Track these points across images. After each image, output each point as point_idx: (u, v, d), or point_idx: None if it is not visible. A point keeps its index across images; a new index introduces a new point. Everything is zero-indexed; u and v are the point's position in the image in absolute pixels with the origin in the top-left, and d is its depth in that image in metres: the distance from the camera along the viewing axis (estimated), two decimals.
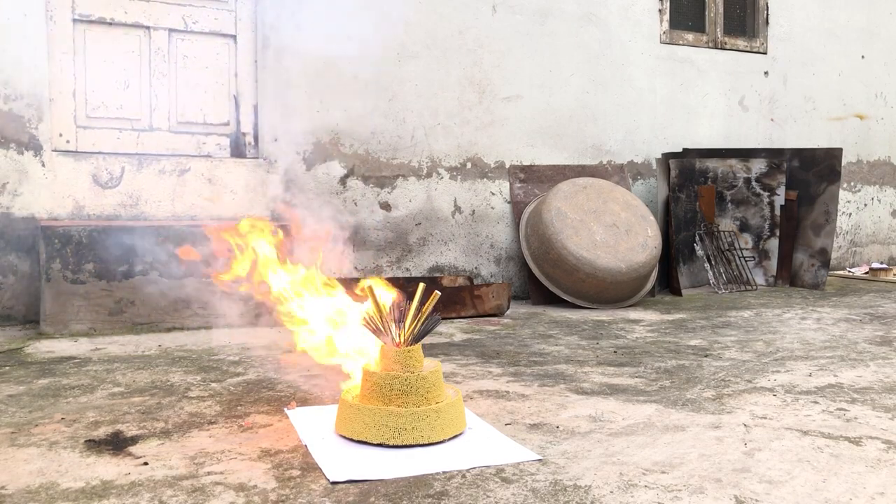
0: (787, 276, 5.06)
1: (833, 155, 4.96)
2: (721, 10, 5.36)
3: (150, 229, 3.42)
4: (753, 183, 5.15)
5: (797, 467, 1.76)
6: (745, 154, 5.17)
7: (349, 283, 2.28)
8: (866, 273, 5.62)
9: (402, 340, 1.98)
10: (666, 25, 5.14)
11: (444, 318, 3.69)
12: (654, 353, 3.04)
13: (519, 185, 4.65)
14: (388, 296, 2.08)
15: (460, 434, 1.96)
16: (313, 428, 1.99)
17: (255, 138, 4.08)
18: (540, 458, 1.81)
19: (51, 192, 3.61)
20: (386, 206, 4.32)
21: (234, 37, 4.03)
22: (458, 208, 4.52)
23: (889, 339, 3.31)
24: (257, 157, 4.05)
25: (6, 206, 3.55)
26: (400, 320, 1.98)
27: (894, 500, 1.59)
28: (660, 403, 2.29)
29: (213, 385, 2.47)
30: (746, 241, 5.16)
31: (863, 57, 5.91)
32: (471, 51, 4.52)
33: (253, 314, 3.45)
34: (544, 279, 4.24)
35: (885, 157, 6.09)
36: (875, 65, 5.98)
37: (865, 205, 6.03)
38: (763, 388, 2.47)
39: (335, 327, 2.19)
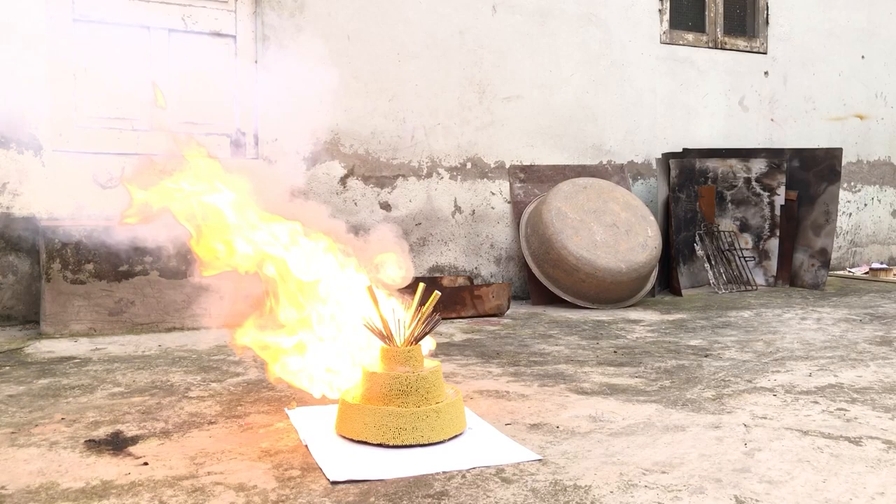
0: (787, 276, 5.06)
1: (833, 155, 4.96)
2: (721, 10, 5.36)
3: (151, 229, 3.41)
4: (753, 183, 5.15)
5: (797, 467, 1.76)
6: (745, 154, 5.17)
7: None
8: (866, 273, 5.62)
9: (403, 341, 1.98)
10: (666, 25, 5.14)
11: (444, 318, 3.69)
12: (654, 353, 3.04)
13: (519, 185, 4.65)
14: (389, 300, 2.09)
15: (460, 434, 1.96)
16: (313, 428, 1.99)
17: (255, 138, 4.08)
18: (540, 458, 1.81)
19: (51, 192, 3.61)
20: (386, 206, 4.32)
21: (234, 37, 4.03)
22: (458, 208, 4.52)
23: (889, 339, 3.31)
24: (257, 158, 4.05)
25: (6, 206, 3.55)
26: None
27: (894, 501, 1.59)
28: (660, 403, 2.29)
29: (213, 385, 2.47)
30: (746, 241, 5.16)
31: (863, 57, 5.91)
32: (471, 51, 4.52)
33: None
34: (544, 279, 4.24)
35: (885, 157, 6.08)
36: (875, 65, 5.98)
37: (865, 205, 6.03)
38: (763, 388, 2.47)
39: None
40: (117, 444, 1.89)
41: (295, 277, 2.18)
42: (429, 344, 2.26)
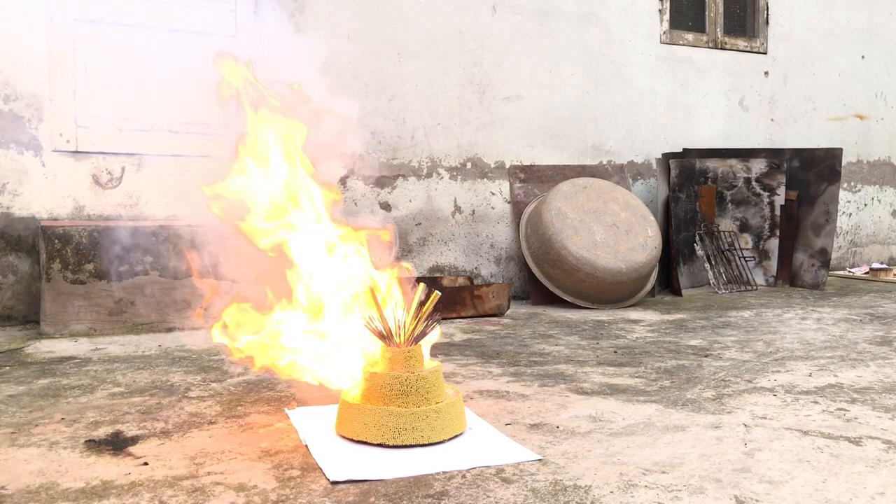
0: (787, 277, 5.06)
1: (833, 155, 4.96)
2: (721, 10, 5.36)
3: (151, 229, 3.42)
4: (753, 183, 5.15)
5: (797, 467, 1.76)
6: (745, 154, 5.17)
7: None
8: (866, 273, 5.62)
9: (403, 341, 1.98)
10: (666, 25, 5.14)
11: (444, 318, 3.70)
12: (654, 353, 3.04)
13: (519, 185, 4.65)
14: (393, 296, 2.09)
15: (460, 434, 1.96)
16: (313, 428, 1.99)
17: None
18: (540, 458, 1.81)
19: (51, 192, 3.61)
20: (386, 206, 4.32)
21: (234, 37, 4.03)
22: (458, 208, 4.52)
23: (889, 339, 3.31)
24: None
25: (6, 206, 3.55)
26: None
27: (894, 501, 1.59)
28: (660, 403, 2.29)
29: (213, 385, 2.47)
30: (746, 241, 5.16)
31: (863, 57, 5.91)
32: (471, 51, 4.52)
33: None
34: (544, 279, 4.24)
35: (885, 157, 6.08)
36: (875, 65, 5.98)
37: (865, 205, 6.03)
38: (763, 388, 2.47)
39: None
40: (117, 444, 1.89)
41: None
42: (433, 336, 2.26)
